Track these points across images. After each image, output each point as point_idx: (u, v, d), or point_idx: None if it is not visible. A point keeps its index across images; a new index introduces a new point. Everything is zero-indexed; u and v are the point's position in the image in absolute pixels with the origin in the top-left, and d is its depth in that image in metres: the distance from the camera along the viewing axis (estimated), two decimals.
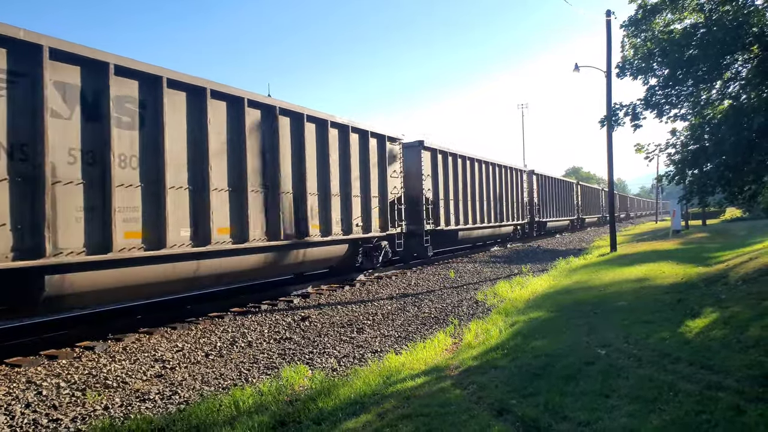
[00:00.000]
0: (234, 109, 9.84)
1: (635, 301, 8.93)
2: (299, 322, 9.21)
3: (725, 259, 13.26)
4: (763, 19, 9.81)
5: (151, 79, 8.21)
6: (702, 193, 10.70)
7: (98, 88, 7.45)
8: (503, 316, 8.67)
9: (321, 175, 12.10)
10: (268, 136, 10.56)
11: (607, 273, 13.04)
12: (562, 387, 4.81)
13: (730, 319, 6.83)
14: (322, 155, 12.16)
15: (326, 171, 12.23)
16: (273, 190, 10.63)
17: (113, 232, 7.44)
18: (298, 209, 11.36)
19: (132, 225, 7.81)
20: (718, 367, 5.04)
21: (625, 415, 4.12)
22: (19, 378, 6.18)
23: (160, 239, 8.22)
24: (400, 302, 10.98)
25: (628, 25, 11.76)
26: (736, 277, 9.62)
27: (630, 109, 11.93)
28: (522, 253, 22.40)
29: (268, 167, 10.56)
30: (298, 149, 11.42)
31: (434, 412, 4.44)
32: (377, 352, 7.23)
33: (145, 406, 5.31)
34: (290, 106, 11.14)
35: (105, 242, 7.41)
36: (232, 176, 9.71)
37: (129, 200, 7.79)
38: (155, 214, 8.18)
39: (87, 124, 7.29)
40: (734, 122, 9.68)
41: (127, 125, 7.83)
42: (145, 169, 8.07)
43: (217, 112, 9.45)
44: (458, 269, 16.61)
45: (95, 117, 7.38)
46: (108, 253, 7.40)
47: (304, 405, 4.89)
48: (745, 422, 3.86)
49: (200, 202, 9.03)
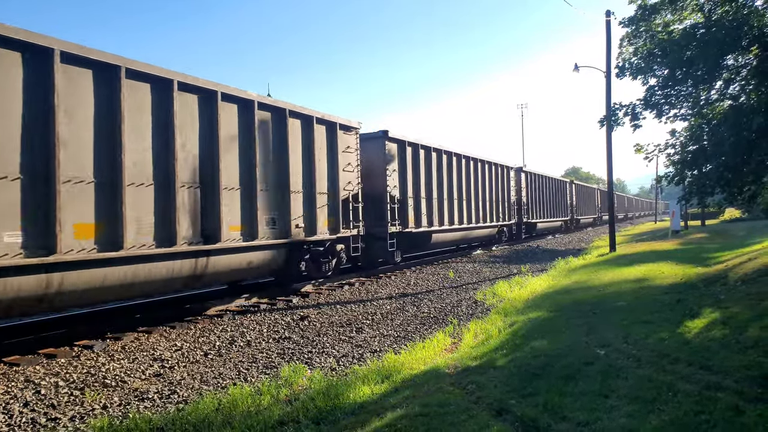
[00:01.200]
0: (107, 85, 7.65)
1: (634, 301, 8.93)
2: (298, 321, 9.20)
3: (724, 259, 13.27)
4: (762, 19, 9.81)
5: None
6: (701, 194, 10.72)
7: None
8: (502, 316, 8.67)
9: (244, 167, 10.01)
10: (162, 115, 8.43)
11: (607, 273, 13.04)
12: (562, 387, 4.80)
13: (729, 319, 6.83)
14: (246, 142, 10.07)
15: (251, 161, 10.12)
16: (166, 184, 8.44)
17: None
18: (206, 207, 9.19)
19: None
20: (717, 368, 5.04)
21: (624, 415, 4.12)
22: (17, 377, 6.17)
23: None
24: (399, 302, 10.98)
25: (628, 24, 11.77)
26: (735, 277, 9.63)
27: (629, 109, 11.94)
28: (521, 253, 22.40)
29: (161, 154, 8.39)
30: (209, 133, 9.30)
31: (433, 411, 4.43)
32: (376, 351, 7.22)
33: (143, 405, 5.30)
34: (197, 81, 9.07)
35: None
36: (100, 165, 7.47)
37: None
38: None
39: None
40: (734, 123, 9.69)
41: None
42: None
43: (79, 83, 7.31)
44: (457, 269, 16.61)
45: None
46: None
47: (302, 404, 4.89)
48: (744, 423, 3.86)
49: (42, 197, 6.75)
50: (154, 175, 8.28)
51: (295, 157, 11.35)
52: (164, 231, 8.36)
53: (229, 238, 9.56)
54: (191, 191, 8.92)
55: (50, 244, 6.76)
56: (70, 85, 7.17)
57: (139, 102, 8.08)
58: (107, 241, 7.49)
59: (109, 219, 7.52)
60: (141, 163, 8.12)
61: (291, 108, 11.22)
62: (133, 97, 7.94)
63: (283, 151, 11.03)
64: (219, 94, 9.41)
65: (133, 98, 7.96)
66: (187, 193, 8.82)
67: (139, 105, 8.08)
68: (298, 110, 11.48)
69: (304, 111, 11.66)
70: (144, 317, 9.41)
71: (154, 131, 8.34)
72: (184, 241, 8.66)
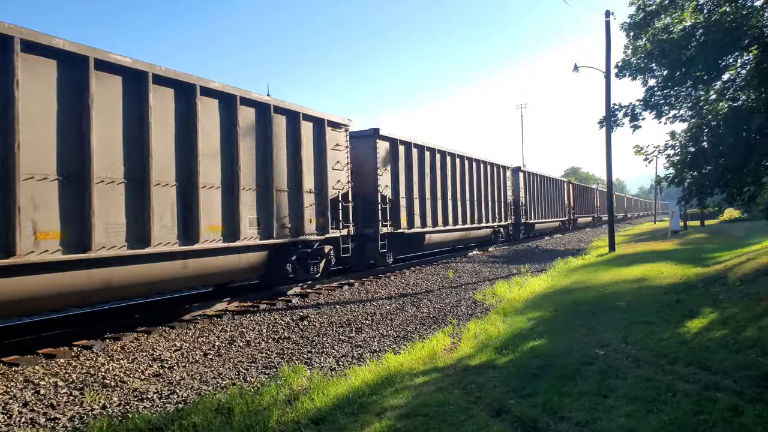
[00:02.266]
0: (72, 76, 7.24)
1: (634, 301, 8.94)
2: (298, 321, 9.20)
3: (723, 259, 13.29)
4: (761, 19, 9.82)
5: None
6: (701, 195, 10.73)
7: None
8: (502, 316, 8.68)
9: (226, 164, 9.61)
10: (136, 110, 8.05)
11: (606, 273, 13.06)
12: (561, 387, 4.81)
13: (728, 319, 6.85)
14: (228, 139, 9.66)
15: (233, 159, 9.70)
16: (140, 181, 8.06)
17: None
18: (183, 205, 8.76)
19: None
20: (716, 368, 5.05)
21: (623, 415, 4.13)
22: (16, 377, 6.16)
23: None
24: (398, 302, 10.98)
25: (629, 29, 11.78)
26: (734, 277, 9.64)
27: (629, 110, 11.96)
28: (521, 254, 22.41)
29: (133, 151, 7.98)
30: (185, 130, 8.83)
31: (433, 412, 4.44)
32: (376, 351, 7.22)
33: (143, 406, 5.30)
34: (174, 74, 8.60)
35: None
36: (65, 161, 7.09)
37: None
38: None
39: None
40: (733, 123, 9.71)
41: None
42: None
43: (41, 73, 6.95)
44: (457, 269, 16.61)
45: None
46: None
47: (302, 405, 4.89)
48: (743, 423, 3.87)
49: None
50: (125, 172, 7.87)
51: (280, 155, 10.94)
52: (141, 233, 8.01)
53: (208, 238, 9.14)
54: (166, 189, 8.51)
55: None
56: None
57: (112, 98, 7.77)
58: (73, 245, 7.12)
59: (73, 224, 7.15)
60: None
61: (275, 103, 10.80)
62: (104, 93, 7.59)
63: (268, 148, 10.58)
64: (197, 88, 8.95)
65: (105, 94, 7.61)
66: (162, 192, 8.39)
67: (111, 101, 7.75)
68: (284, 106, 11.06)
69: (289, 107, 11.23)
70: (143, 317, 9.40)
71: (127, 126, 7.91)
72: (159, 241, 8.27)
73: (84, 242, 7.24)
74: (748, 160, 9.38)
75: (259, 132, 10.45)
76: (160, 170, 8.37)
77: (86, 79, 7.30)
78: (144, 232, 8.06)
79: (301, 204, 11.49)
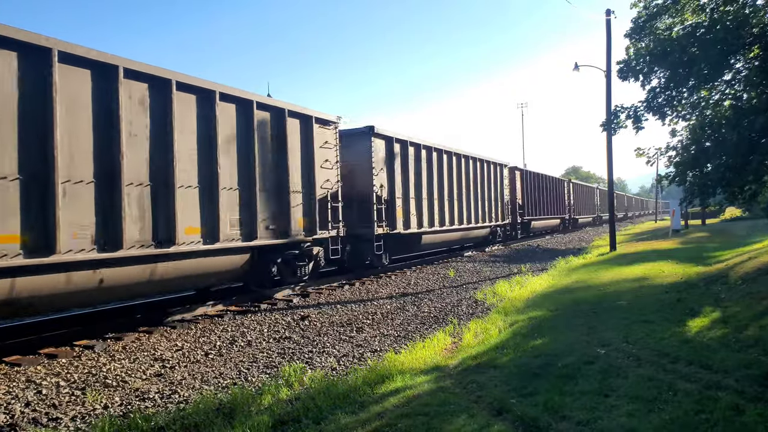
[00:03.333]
0: (33, 67, 6.79)
1: (635, 300, 8.94)
2: (299, 321, 9.21)
3: (724, 258, 13.28)
4: (764, 18, 9.80)
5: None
6: (703, 195, 10.72)
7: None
8: (503, 316, 8.68)
9: (204, 163, 9.17)
10: (104, 106, 7.60)
11: (607, 272, 13.05)
12: (562, 386, 4.81)
13: (729, 318, 6.85)
14: (206, 137, 9.25)
15: (212, 157, 9.29)
16: (109, 181, 7.61)
17: None
18: (158, 208, 8.31)
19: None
20: (717, 367, 5.05)
21: (624, 414, 4.13)
22: (18, 377, 6.18)
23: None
24: (399, 301, 10.98)
25: (631, 34, 11.75)
26: (735, 276, 9.63)
27: (632, 112, 11.93)
28: (521, 253, 22.41)
29: (103, 150, 7.55)
30: (160, 127, 8.41)
31: (434, 411, 4.44)
32: (377, 351, 7.23)
33: (144, 405, 5.31)
34: (144, 67, 8.09)
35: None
36: (25, 159, 6.62)
37: None
38: None
39: None
40: (735, 123, 9.69)
41: None
42: None
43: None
44: (457, 268, 16.61)
45: None
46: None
47: (303, 404, 4.90)
48: (745, 422, 3.87)
49: None
50: (95, 172, 7.43)
51: (263, 153, 10.52)
52: (113, 236, 7.55)
53: (186, 241, 8.73)
54: (140, 190, 8.05)
55: None
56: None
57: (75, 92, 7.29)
58: (33, 249, 6.68)
59: (36, 226, 6.69)
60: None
61: (259, 100, 10.41)
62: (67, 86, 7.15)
63: (250, 146, 10.17)
64: (173, 83, 8.54)
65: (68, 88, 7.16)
66: (135, 192, 7.96)
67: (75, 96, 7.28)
68: (268, 102, 10.70)
69: (274, 103, 10.88)
70: (144, 317, 9.41)
71: (97, 123, 7.49)
72: (131, 245, 7.82)
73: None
74: (750, 159, 9.36)
75: (241, 130, 10.05)
76: (133, 170, 7.92)
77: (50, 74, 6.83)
78: (116, 235, 7.54)
79: (286, 204, 11.05)
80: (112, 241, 7.60)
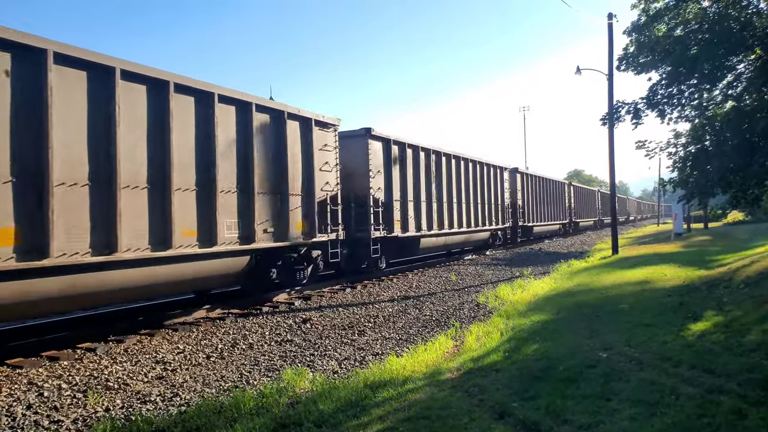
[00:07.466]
0: (30, 69, 6.69)
1: (637, 303, 8.92)
2: (300, 324, 9.21)
3: (727, 262, 13.24)
4: (766, 21, 9.81)
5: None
6: (702, 194, 10.70)
7: None
8: (504, 319, 8.67)
9: (202, 165, 9.06)
10: (102, 107, 7.50)
11: (609, 276, 13.03)
12: (564, 390, 4.80)
13: (731, 322, 6.83)
14: (204, 139, 9.14)
15: (210, 159, 9.18)
16: (106, 184, 7.49)
17: None
18: (154, 210, 8.18)
19: None
20: (719, 371, 5.03)
21: (626, 418, 4.12)
22: (20, 379, 6.18)
23: None
24: (401, 304, 10.98)
25: (631, 32, 11.77)
26: (737, 280, 9.61)
27: (632, 107, 11.95)
28: (523, 256, 22.39)
29: (100, 152, 7.44)
30: (159, 129, 8.33)
31: (435, 414, 4.44)
32: (378, 354, 7.22)
33: (146, 408, 5.31)
34: (142, 69, 8.06)
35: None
36: (17, 160, 6.49)
37: None
38: None
39: None
40: (737, 124, 9.68)
41: None
42: None
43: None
44: (459, 272, 16.60)
45: None
46: None
47: (305, 407, 4.89)
48: (747, 426, 3.85)
49: None
50: (90, 174, 7.31)
51: (263, 156, 10.42)
52: (106, 238, 7.39)
53: (182, 244, 8.56)
54: (137, 192, 7.92)
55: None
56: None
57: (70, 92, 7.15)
58: (25, 252, 6.52)
59: (27, 229, 6.56)
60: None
61: (258, 102, 10.29)
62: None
63: (249, 148, 10.06)
64: (171, 85, 8.45)
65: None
66: (129, 194, 7.78)
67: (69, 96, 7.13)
68: (267, 104, 10.60)
69: (273, 105, 10.77)
70: (146, 319, 9.41)
71: (93, 124, 7.37)
72: (127, 248, 7.68)
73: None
74: (751, 162, 9.35)
75: (240, 132, 9.96)
76: (131, 173, 7.83)
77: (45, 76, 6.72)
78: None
79: (286, 207, 10.94)
80: (107, 244, 7.50)
